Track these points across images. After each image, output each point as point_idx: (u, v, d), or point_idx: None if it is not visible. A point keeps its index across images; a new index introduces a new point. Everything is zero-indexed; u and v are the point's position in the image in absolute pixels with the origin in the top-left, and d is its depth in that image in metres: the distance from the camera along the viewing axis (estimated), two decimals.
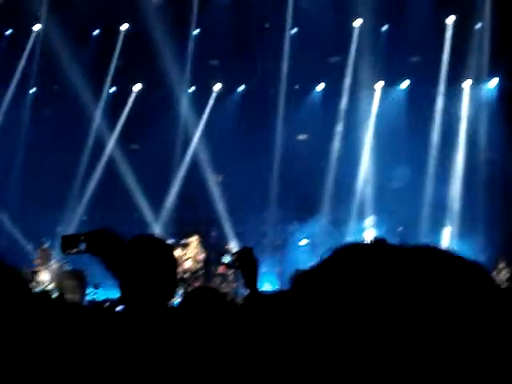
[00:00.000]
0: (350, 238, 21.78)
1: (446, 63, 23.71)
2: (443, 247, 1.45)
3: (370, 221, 22.99)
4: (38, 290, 18.55)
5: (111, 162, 24.43)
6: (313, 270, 1.36)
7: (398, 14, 23.56)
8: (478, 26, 23.52)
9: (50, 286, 19.48)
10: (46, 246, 20.97)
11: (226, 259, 4.55)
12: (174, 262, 3.89)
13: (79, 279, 19.72)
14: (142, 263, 3.76)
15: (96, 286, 18.33)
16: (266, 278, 20.32)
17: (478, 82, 23.60)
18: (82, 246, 3.91)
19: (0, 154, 23.58)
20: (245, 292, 4.68)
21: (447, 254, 1.43)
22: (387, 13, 23.84)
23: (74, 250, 3.97)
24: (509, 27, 22.62)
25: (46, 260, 20.61)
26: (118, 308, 3.83)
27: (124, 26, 25.07)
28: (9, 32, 25.07)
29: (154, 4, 24.01)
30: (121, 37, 25.10)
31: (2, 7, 24.37)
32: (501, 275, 19.43)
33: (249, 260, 4.46)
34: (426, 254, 1.44)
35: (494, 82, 23.79)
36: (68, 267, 20.80)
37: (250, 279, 4.39)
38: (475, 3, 23.27)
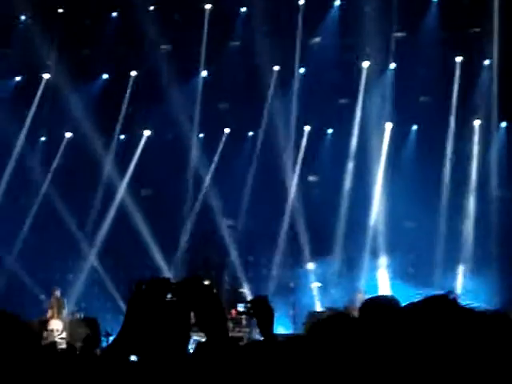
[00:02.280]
0: (363, 279, 21.77)
1: (455, 103, 23.75)
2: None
3: (382, 261, 22.96)
4: (51, 339, 18.52)
5: (122, 207, 24.47)
6: None
7: (406, 55, 23.65)
8: (486, 64, 23.60)
9: (63, 335, 19.44)
10: (58, 294, 20.98)
11: (241, 307, 4.51)
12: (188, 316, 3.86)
13: (92, 327, 19.67)
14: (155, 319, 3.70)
15: (107, 335, 18.20)
16: (280, 322, 20.22)
17: (487, 121, 23.61)
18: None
19: (12, 203, 23.69)
20: (258, 336, 4.66)
21: None
22: (394, 53, 23.98)
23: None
24: None
25: (58, 308, 20.61)
26: (133, 357, 3.76)
27: (133, 72, 25.20)
28: (18, 79, 25.23)
29: (162, 50, 24.19)
30: (130, 83, 25.24)
31: (11, 56, 24.59)
32: None
33: (264, 308, 4.42)
34: None
35: (503, 122, 23.84)
36: (80, 315, 20.84)
37: (265, 328, 4.35)
38: (482, 42, 23.36)
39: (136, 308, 3.48)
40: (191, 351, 4.39)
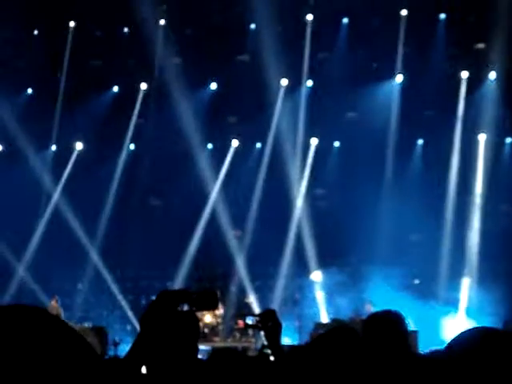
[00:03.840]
0: (368, 290, 21.90)
1: (460, 118, 23.91)
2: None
3: (388, 273, 23.11)
4: None
5: (132, 217, 24.62)
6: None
7: (412, 69, 23.85)
8: (492, 79, 23.78)
9: None
10: (54, 303, 20.96)
11: (250, 320, 4.55)
12: (197, 328, 4.03)
13: (100, 336, 19.77)
14: (167, 332, 3.88)
15: (116, 344, 18.32)
16: (285, 333, 20.29)
17: (493, 135, 23.76)
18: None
19: (22, 212, 23.87)
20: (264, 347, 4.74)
21: None
22: (401, 68, 24.17)
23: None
24: None
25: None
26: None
27: (143, 85, 25.45)
28: (30, 91, 25.52)
29: (172, 63, 24.41)
30: (140, 95, 25.47)
31: (24, 68, 24.89)
32: None
33: (272, 322, 4.50)
34: None
35: (508, 137, 24.01)
36: (89, 324, 20.94)
37: (273, 340, 4.43)
38: (488, 58, 23.55)
39: (152, 316, 3.63)
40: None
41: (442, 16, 24.05)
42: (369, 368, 3.37)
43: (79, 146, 25.42)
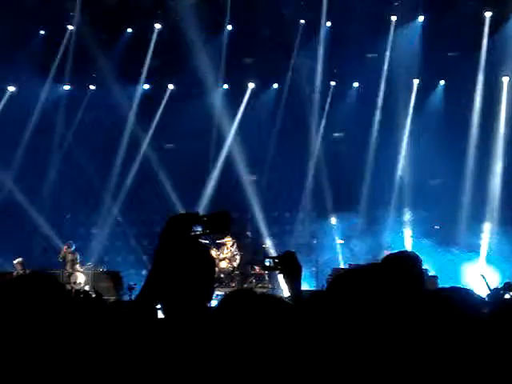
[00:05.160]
0: (386, 236, 21.67)
1: (483, 59, 23.38)
2: None
3: (407, 218, 22.87)
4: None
5: (146, 161, 24.39)
6: None
7: (434, 9, 23.27)
8: None
9: (86, 288, 19.47)
10: (72, 248, 20.86)
11: (268, 262, 4.32)
12: (213, 264, 3.81)
13: (115, 281, 19.72)
14: (182, 264, 3.65)
15: (131, 288, 18.19)
16: (303, 278, 20.11)
17: None
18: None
19: (35, 155, 23.66)
20: (281, 293, 4.56)
21: None
22: (423, 8, 23.58)
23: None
24: None
25: (72, 262, 20.57)
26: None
27: (157, 25, 24.91)
28: (42, 32, 25.03)
29: (188, 3, 23.86)
30: (154, 36, 24.95)
31: (37, 8, 24.36)
32: None
33: (292, 264, 4.29)
34: None
35: None
36: (104, 268, 20.90)
37: (293, 283, 4.23)
38: None
39: (165, 243, 3.45)
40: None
41: None
42: (383, 307, 3.20)
43: (92, 87, 25.13)
